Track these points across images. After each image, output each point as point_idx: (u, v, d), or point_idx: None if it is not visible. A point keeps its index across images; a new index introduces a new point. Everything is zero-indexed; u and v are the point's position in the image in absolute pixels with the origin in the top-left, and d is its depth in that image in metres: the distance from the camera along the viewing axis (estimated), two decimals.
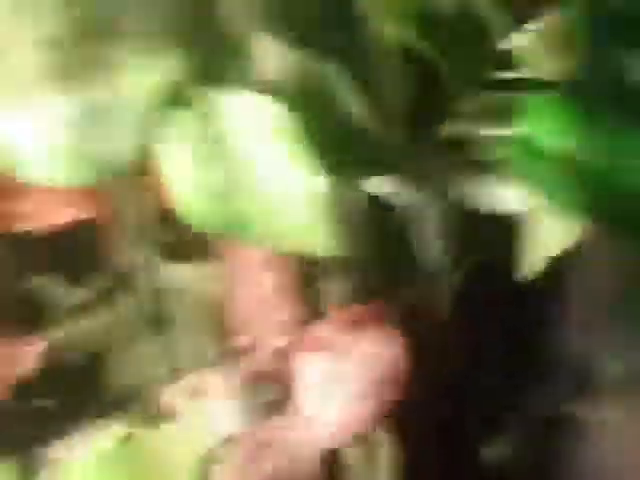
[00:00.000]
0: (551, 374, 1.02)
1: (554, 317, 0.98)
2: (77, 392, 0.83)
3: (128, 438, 0.66)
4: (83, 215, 0.88)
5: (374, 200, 0.57)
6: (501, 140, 0.48)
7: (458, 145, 0.53)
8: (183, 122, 0.41)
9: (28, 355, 0.81)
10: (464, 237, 0.68)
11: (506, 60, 0.53)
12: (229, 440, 0.65)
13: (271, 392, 0.65)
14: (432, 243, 0.64)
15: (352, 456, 0.81)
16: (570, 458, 0.98)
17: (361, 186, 0.55)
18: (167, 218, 0.90)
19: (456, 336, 0.88)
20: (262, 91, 0.42)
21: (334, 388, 0.68)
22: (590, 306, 0.95)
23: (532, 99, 0.44)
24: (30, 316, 0.83)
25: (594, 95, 0.45)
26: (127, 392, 0.83)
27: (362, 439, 0.79)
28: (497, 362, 0.98)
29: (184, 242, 0.87)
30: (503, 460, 1.00)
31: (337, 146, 0.45)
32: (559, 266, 1.01)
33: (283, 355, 0.71)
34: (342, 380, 0.68)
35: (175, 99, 0.42)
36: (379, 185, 0.57)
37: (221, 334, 0.83)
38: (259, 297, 0.78)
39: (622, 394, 0.89)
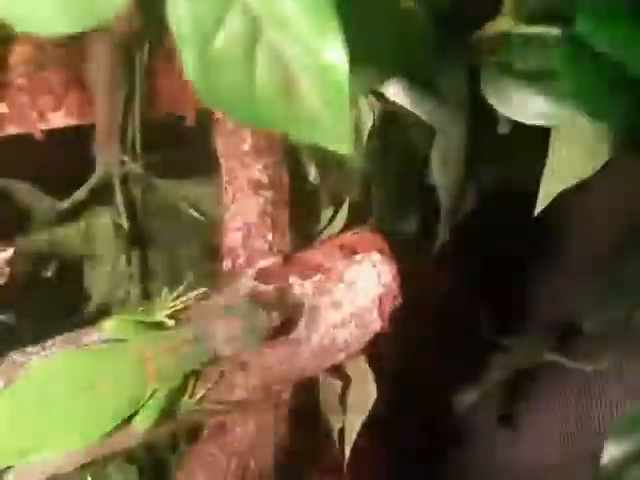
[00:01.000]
0: (536, 320, 1.03)
1: (547, 264, 0.98)
2: (49, 302, 0.80)
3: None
4: (72, 121, 0.85)
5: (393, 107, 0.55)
6: (546, 42, 0.46)
7: (493, 50, 0.51)
8: None
9: None
10: (480, 165, 0.66)
11: None
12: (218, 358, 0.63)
13: (263, 315, 0.63)
14: (446, 166, 0.62)
15: (330, 388, 0.80)
16: (550, 406, 0.99)
17: (383, 88, 0.53)
18: (163, 129, 0.87)
19: (446, 274, 0.87)
20: None
21: (322, 312, 0.66)
22: (584, 258, 0.95)
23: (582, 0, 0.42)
24: (3, 220, 0.79)
25: None
26: (98, 306, 0.80)
27: (342, 370, 0.78)
28: (483, 304, 0.98)
29: (178, 158, 0.85)
30: (481, 403, 1.00)
31: (373, 34, 0.43)
32: (562, 215, 1.01)
33: (270, 277, 0.68)
34: (331, 305, 0.66)
35: None
36: (401, 92, 0.54)
37: (207, 256, 0.81)
38: (247, 222, 0.76)
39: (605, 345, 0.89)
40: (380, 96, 0.57)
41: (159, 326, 0.65)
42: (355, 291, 0.66)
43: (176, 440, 0.80)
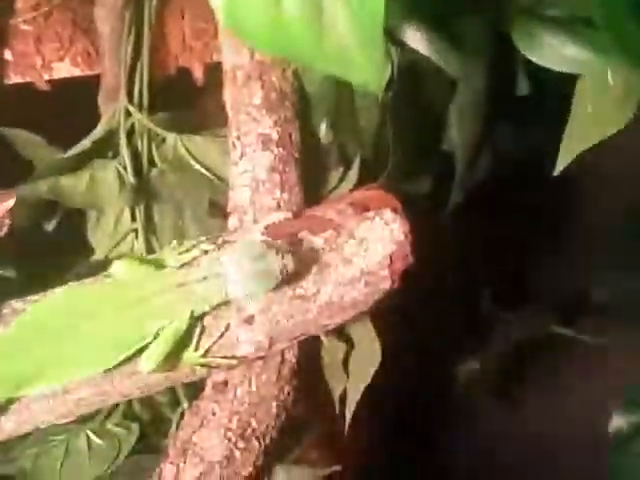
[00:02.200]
0: (542, 292, 1.02)
1: (556, 234, 0.97)
2: (50, 256, 0.79)
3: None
4: (77, 71, 0.83)
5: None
6: None
7: None
8: None
9: None
10: (498, 127, 0.65)
11: None
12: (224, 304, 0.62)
13: (276, 257, 0.61)
14: (464, 121, 0.61)
15: (333, 351, 0.79)
16: (556, 377, 0.99)
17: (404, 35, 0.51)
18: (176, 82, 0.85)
19: (454, 239, 0.86)
20: None
21: (332, 268, 0.65)
22: (593, 233, 0.94)
23: None
24: (8, 169, 0.78)
25: None
26: (100, 261, 0.78)
27: (346, 334, 0.77)
28: (486, 275, 0.97)
29: (190, 110, 0.83)
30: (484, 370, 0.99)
31: None
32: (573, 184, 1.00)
33: (278, 233, 0.67)
34: (341, 261, 0.65)
35: None
36: (423, 40, 0.52)
37: (213, 213, 0.79)
38: (255, 178, 0.74)
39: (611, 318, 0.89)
40: (400, 45, 0.55)
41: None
42: (366, 248, 0.64)
43: (177, 398, 0.79)
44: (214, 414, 0.74)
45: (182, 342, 0.62)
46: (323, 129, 0.76)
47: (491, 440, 1.02)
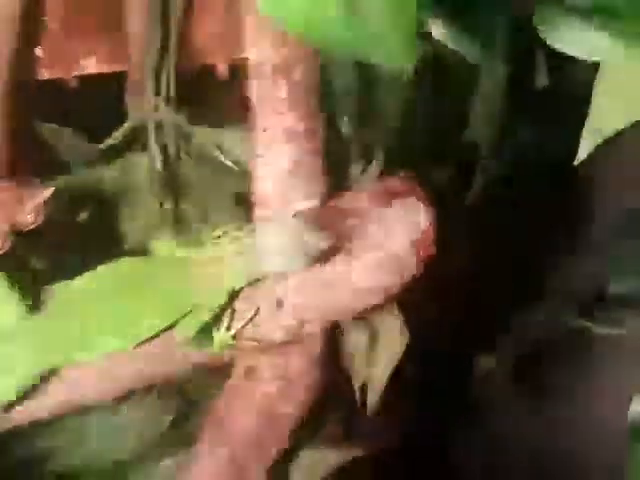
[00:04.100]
0: (559, 285, 1.03)
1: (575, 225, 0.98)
2: (83, 246, 0.81)
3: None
4: (105, 67, 0.85)
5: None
6: None
7: None
8: None
9: (33, 201, 0.78)
10: (519, 118, 0.67)
11: None
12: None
13: (313, 233, 0.63)
14: (487, 111, 0.63)
15: (357, 339, 0.81)
16: (574, 369, 1.00)
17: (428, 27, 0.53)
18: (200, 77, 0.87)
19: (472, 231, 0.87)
20: None
21: (359, 255, 0.67)
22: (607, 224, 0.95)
23: None
24: (42, 163, 0.80)
25: None
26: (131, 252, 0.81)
27: (370, 322, 0.79)
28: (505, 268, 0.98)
29: (214, 104, 0.85)
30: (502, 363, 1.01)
31: None
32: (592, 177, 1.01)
33: (306, 219, 0.69)
34: (367, 247, 0.67)
35: None
36: (447, 31, 0.54)
37: (239, 205, 0.81)
38: (280, 171, 0.76)
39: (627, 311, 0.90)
40: (423, 37, 0.57)
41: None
42: (391, 235, 0.67)
43: (208, 381, 0.81)
44: (244, 397, 0.77)
45: (216, 318, 0.64)
46: (346, 122, 0.78)
47: (510, 433, 1.04)
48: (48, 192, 0.76)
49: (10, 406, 0.64)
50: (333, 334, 0.77)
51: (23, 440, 0.73)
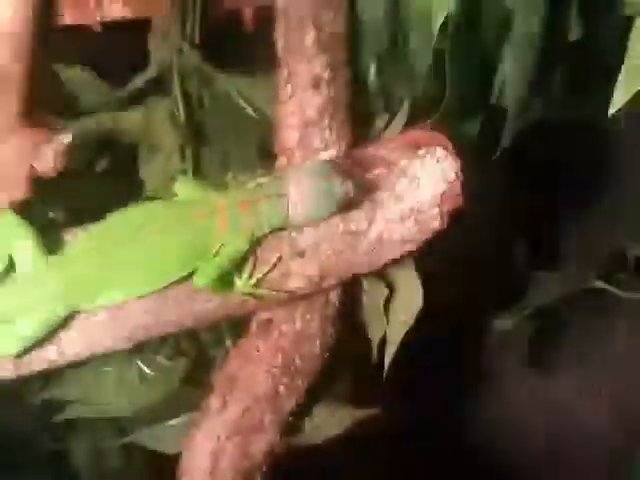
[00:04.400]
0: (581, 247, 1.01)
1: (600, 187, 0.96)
2: (103, 189, 0.80)
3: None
4: (130, 12, 0.84)
5: None
6: None
7: None
8: None
9: (54, 146, 0.77)
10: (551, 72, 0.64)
11: None
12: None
13: (339, 181, 0.62)
14: (518, 61, 0.61)
15: (374, 295, 0.80)
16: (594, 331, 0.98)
17: None
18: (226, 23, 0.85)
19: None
20: None
21: (383, 205, 0.66)
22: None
23: None
24: (63, 106, 0.79)
25: None
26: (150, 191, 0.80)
27: (388, 279, 0.77)
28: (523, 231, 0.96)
29: (240, 51, 0.83)
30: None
31: None
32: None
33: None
34: (391, 198, 0.66)
35: None
36: None
37: (261, 155, 0.80)
38: (305, 119, 0.74)
39: None
40: None
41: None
42: (417, 186, 0.65)
43: (221, 336, 0.80)
44: (259, 351, 0.76)
45: (238, 264, 0.63)
46: (372, 72, 0.77)
47: (526, 398, 1.03)
48: (69, 137, 0.75)
49: (28, 349, 0.64)
50: (350, 290, 0.77)
51: (38, 388, 0.73)
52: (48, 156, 0.78)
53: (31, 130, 0.79)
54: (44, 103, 0.79)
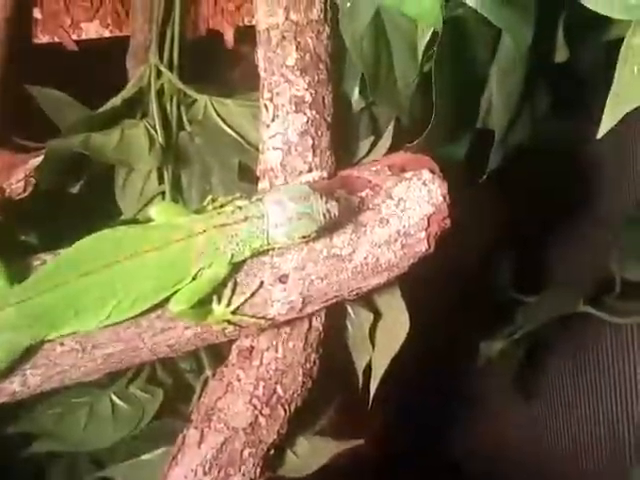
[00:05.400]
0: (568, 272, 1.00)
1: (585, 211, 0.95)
2: (75, 218, 0.77)
3: None
4: (106, 32, 0.82)
5: None
6: None
7: None
8: None
9: (23, 168, 0.74)
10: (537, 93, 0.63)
11: None
12: None
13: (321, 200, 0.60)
14: (505, 80, 0.59)
15: (359, 322, 0.77)
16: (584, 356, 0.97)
17: None
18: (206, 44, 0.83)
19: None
20: None
21: (368, 229, 0.64)
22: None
23: None
24: (36, 129, 0.76)
25: None
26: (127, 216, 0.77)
27: (373, 304, 0.75)
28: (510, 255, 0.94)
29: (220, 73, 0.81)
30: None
31: None
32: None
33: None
34: (377, 222, 0.64)
35: None
36: None
37: (242, 177, 0.78)
38: (287, 141, 0.72)
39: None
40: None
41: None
42: (403, 209, 0.63)
43: (200, 365, 0.77)
44: (239, 380, 0.73)
45: (217, 290, 0.61)
46: (356, 93, 0.75)
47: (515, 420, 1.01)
48: (38, 159, 0.73)
49: None
50: (334, 315, 0.74)
51: (6, 420, 0.70)
52: (18, 179, 0.76)
53: (1, 153, 0.77)
54: (14, 124, 0.77)
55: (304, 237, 0.59)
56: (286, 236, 0.59)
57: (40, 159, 0.72)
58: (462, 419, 1.10)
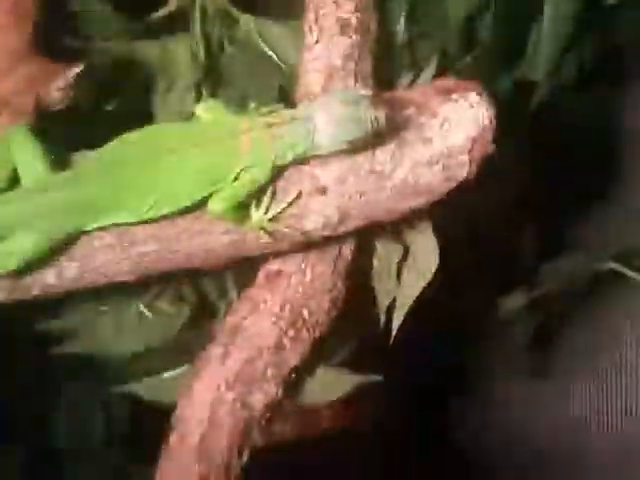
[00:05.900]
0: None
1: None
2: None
3: None
4: None
5: None
6: None
7: None
8: None
9: (63, 76, 0.73)
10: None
11: None
12: None
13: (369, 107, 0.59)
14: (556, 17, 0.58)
15: (386, 257, 0.76)
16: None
17: None
18: None
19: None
20: None
21: (410, 147, 0.63)
22: None
23: None
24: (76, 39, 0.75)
25: None
26: None
27: (402, 239, 0.74)
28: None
29: None
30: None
31: None
32: None
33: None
34: (420, 140, 0.63)
35: None
36: None
37: (281, 100, 0.77)
38: (330, 64, 0.71)
39: None
40: None
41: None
42: (448, 129, 0.62)
43: (225, 286, 0.77)
44: (265, 302, 0.72)
45: (256, 195, 0.60)
46: (401, 23, 0.74)
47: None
48: (78, 68, 0.72)
49: (28, 266, 0.60)
50: (364, 246, 0.74)
51: (36, 316, 0.69)
52: (56, 88, 0.75)
53: (41, 59, 0.76)
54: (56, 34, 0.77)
55: (350, 142, 0.58)
56: (332, 139, 0.58)
57: (78, 68, 0.72)
58: (475, 381, 1.10)
